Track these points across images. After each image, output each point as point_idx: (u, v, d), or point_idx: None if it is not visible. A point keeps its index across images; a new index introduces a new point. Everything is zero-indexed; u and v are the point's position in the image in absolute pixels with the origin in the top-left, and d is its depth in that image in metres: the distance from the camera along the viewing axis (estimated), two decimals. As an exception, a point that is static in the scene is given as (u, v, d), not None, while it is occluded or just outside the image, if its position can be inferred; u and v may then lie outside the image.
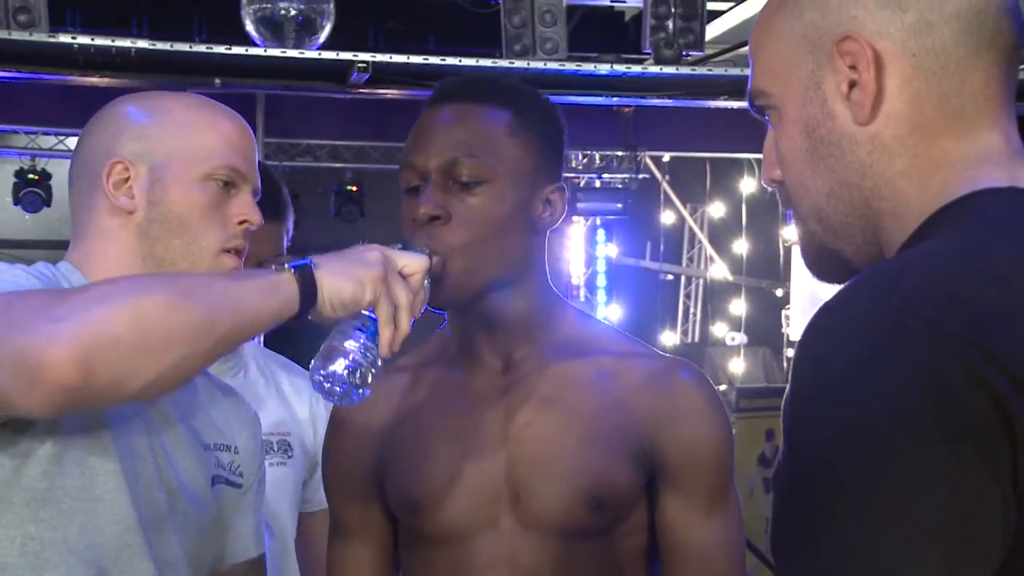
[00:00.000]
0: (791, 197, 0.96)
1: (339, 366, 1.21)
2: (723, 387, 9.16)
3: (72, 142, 7.59)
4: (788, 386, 0.79)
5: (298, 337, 2.09)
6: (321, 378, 1.21)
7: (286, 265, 1.18)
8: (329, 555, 1.52)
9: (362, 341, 1.21)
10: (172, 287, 1.13)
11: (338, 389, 1.22)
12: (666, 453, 1.37)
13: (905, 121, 0.88)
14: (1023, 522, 0.73)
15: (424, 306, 1.28)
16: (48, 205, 7.90)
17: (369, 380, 1.22)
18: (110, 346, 1.04)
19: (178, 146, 1.32)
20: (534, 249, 1.40)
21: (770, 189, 1.00)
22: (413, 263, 1.25)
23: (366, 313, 1.22)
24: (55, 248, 10.44)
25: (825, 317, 0.78)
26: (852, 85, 0.89)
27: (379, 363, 1.23)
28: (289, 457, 1.92)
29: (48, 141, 7.54)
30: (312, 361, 1.23)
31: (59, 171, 8.14)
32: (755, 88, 0.97)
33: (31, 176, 7.67)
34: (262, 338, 5.96)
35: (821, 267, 0.97)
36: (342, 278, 1.19)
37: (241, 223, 1.33)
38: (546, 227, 1.41)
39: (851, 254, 0.94)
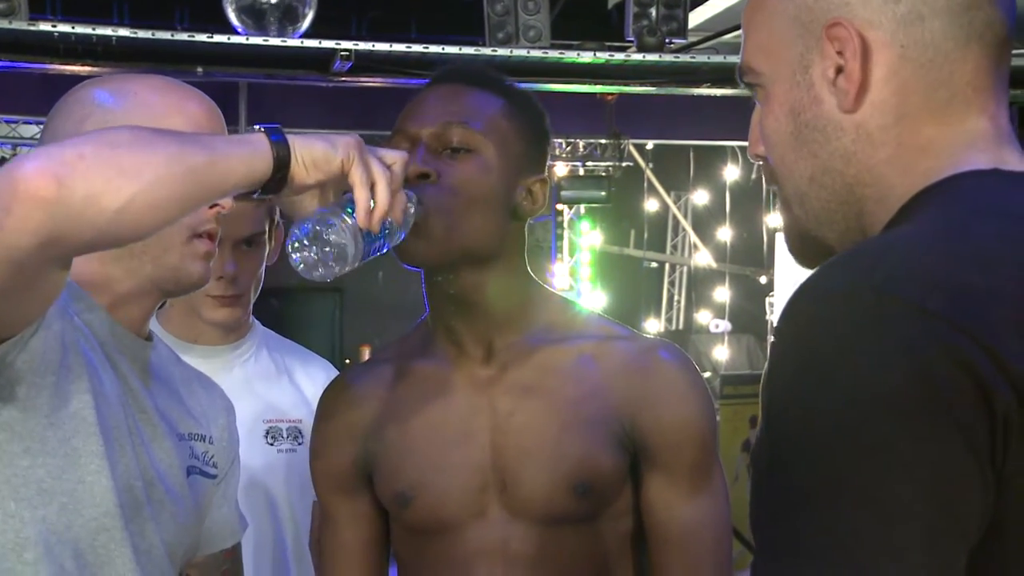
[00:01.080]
0: (775, 175, 0.96)
1: (309, 224, 1.17)
2: (707, 374, 9.18)
3: (53, 131, 7.52)
4: (767, 364, 0.79)
5: (281, 329, 2.09)
6: (296, 243, 1.18)
7: (256, 126, 1.16)
8: (320, 545, 1.53)
9: (339, 214, 1.17)
10: (139, 128, 1.10)
11: (311, 255, 1.18)
12: (647, 434, 1.37)
13: (891, 111, 0.88)
14: (1001, 502, 0.73)
15: (401, 234, 1.25)
16: (29, 195, 7.86)
17: (349, 256, 1.18)
18: (78, 159, 1.03)
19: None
20: (513, 234, 1.41)
21: (756, 163, 1.00)
22: (392, 153, 1.22)
23: (347, 198, 1.18)
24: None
25: (804, 296, 0.78)
26: (839, 71, 0.89)
27: (360, 242, 1.18)
28: (299, 444, 1.92)
29: (29, 130, 7.49)
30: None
31: (40, 161, 8.08)
32: (745, 65, 0.97)
33: (12, 166, 7.63)
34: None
35: (804, 253, 0.97)
36: (314, 140, 1.15)
37: (212, 207, 1.29)
38: (526, 215, 1.42)
39: (834, 240, 0.94)
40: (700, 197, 9.78)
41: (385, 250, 1.25)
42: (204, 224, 1.30)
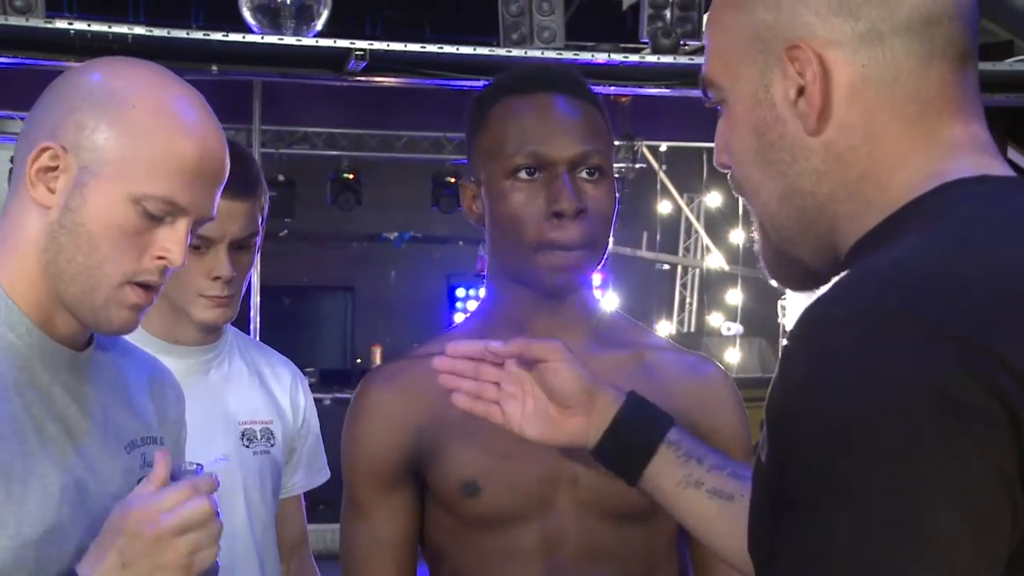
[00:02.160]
0: (742, 189, 0.94)
1: None
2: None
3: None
4: (775, 379, 0.76)
5: (292, 328, 2.10)
6: None
7: None
8: (348, 537, 1.50)
9: None
10: None
11: None
12: (703, 437, 1.38)
13: (858, 131, 0.86)
14: None
15: None
16: (44, 191, 7.89)
17: None
18: None
19: (118, 154, 1.15)
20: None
21: (721, 170, 0.97)
22: (198, 513, 1.14)
23: None
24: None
25: (814, 324, 0.76)
26: (800, 92, 0.86)
27: None
28: (272, 445, 1.92)
29: (44, 127, 7.51)
30: None
31: (55, 158, 8.11)
32: (707, 76, 0.94)
33: (27, 162, 7.65)
34: (258, 328, 5.90)
35: (779, 272, 0.95)
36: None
37: (159, 258, 1.18)
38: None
39: (807, 258, 0.91)
40: (713, 199, 9.77)
41: None
42: (143, 274, 1.18)
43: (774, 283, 0.97)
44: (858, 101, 0.86)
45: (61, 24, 4.27)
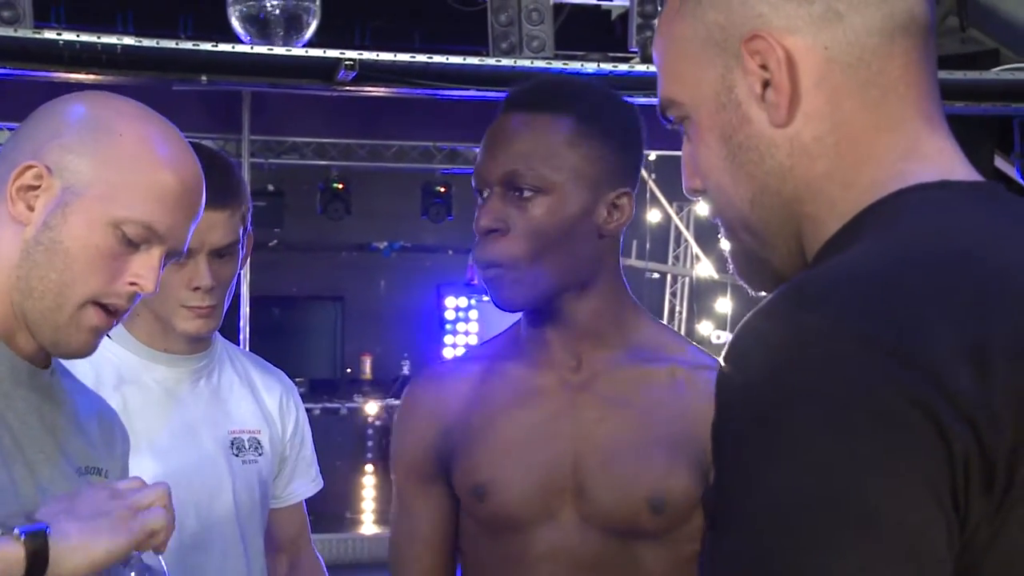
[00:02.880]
0: (716, 206, 0.91)
1: None
2: (708, 385, 9.18)
3: (57, 139, 7.53)
4: (715, 408, 0.74)
5: (282, 338, 2.09)
6: None
7: (15, 531, 1.06)
8: (392, 527, 1.56)
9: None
10: None
11: None
12: None
13: (825, 119, 0.83)
14: (965, 551, 0.68)
15: None
16: (32, 202, 7.87)
17: None
18: None
19: (103, 178, 1.19)
20: (601, 254, 1.41)
21: (692, 199, 0.97)
22: (149, 496, 1.15)
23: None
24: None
25: (748, 339, 0.74)
26: (766, 85, 0.84)
27: None
28: (260, 455, 1.92)
29: (32, 138, 7.50)
30: None
31: (43, 168, 8.09)
32: (665, 99, 0.92)
33: (15, 173, 7.63)
34: (247, 338, 5.90)
35: (753, 278, 0.93)
36: (87, 535, 1.08)
37: (131, 284, 1.21)
38: (613, 232, 1.42)
39: (778, 264, 0.89)
40: (702, 208, 9.78)
41: None
42: (109, 296, 1.21)
43: (746, 286, 0.95)
44: (824, 86, 0.83)
45: (50, 35, 4.25)
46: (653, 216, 9.85)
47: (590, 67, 4.97)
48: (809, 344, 0.69)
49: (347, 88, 4.76)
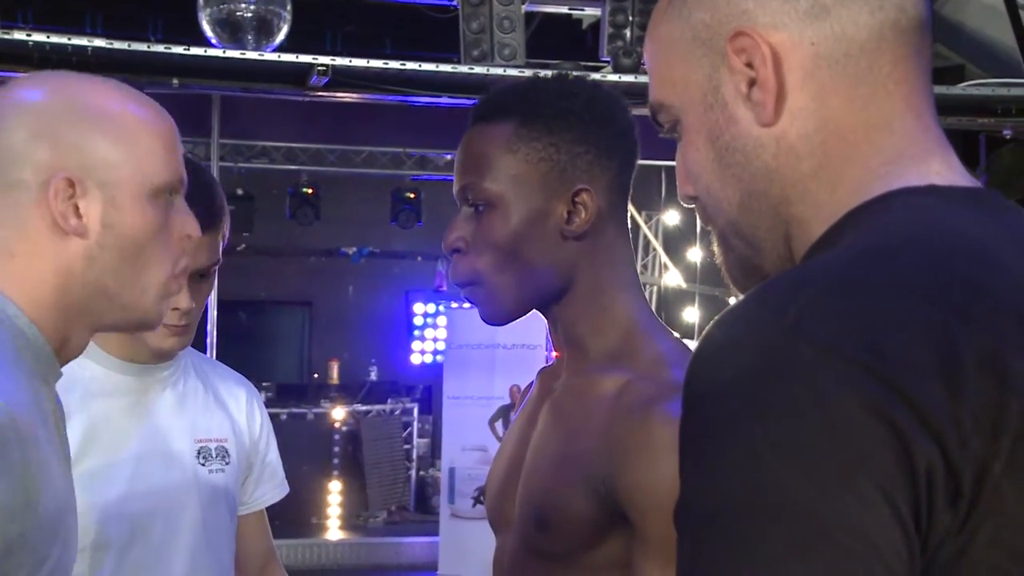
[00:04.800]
0: (707, 212, 0.89)
1: None
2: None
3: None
4: (684, 402, 0.72)
5: (250, 343, 2.09)
6: None
7: None
8: None
9: None
10: None
11: None
12: (619, 491, 1.23)
13: (811, 116, 0.81)
14: (929, 568, 0.66)
15: None
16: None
17: None
18: None
19: (125, 158, 1.17)
20: (572, 257, 1.34)
21: (687, 206, 0.93)
22: None
23: None
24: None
25: (711, 342, 0.71)
26: (752, 83, 0.82)
27: None
28: (227, 464, 1.92)
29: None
30: None
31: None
32: (654, 102, 0.90)
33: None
34: (215, 343, 5.83)
35: (748, 285, 0.89)
36: None
37: (185, 238, 1.23)
38: (578, 232, 1.33)
39: (771, 270, 0.86)
40: (671, 217, 9.83)
41: None
42: (179, 262, 1.23)
43: (742, 296, 0.93)
44: (811, 83, 0.81)
45: (19, 35, 4.23)
46: (622, 225, 9.88)
47: (561, 76, 4.99)
48: (767, 349, 0.67)
49: (319, 93, 4.76)
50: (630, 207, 1.49)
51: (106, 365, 1.81)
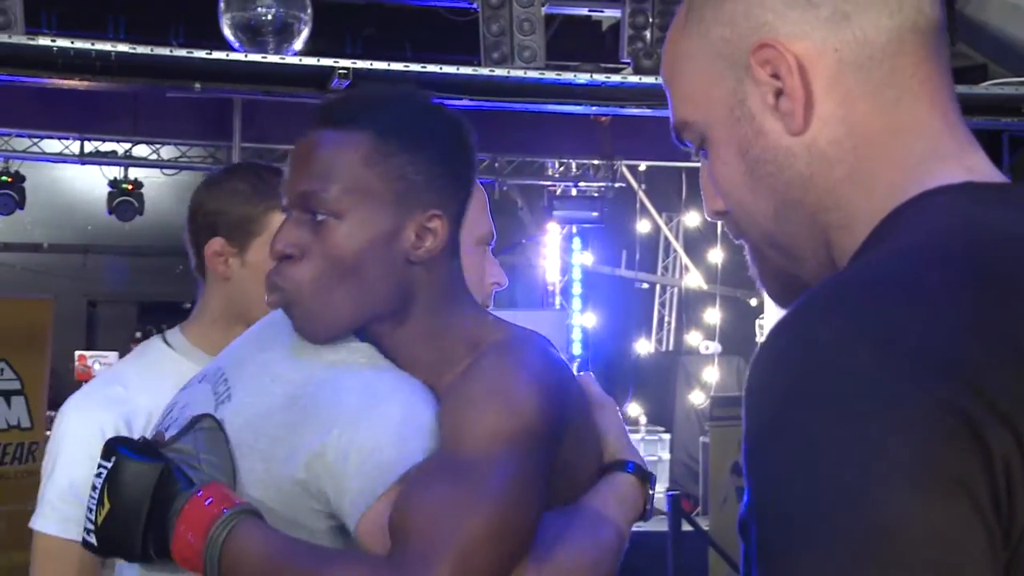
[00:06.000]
0: (739, 225, 0.89)
1: None
2: (698, 395, 9.19)
3: (46, 144, 7.54)
4: (743, 419, 0.71)
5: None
6: None
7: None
8: None
9: None
10: None
11: None
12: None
13: (840, 123, 0.82)
14: (1014, 558, 0.65)
15: None
16: (21, 208, 7.83)
17: None
18: None
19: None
20: (412, 281, 1.28)
21: (715, 221, 0.92)
22: None
23: None
24: (27, 251, 10.36)
25: (767, 348, 0.71)
26: (779, 94, 0.82)
27: None
28: None
29: (22, 143, 7.48)
30: None
31: (33, 173, 8.07)
32: (678, 122, 0.90)
33: (4, 178, 7.62)
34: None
35: (786, 297, 0.90)
36: None
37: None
38: (425, 257, 1.27)
39: (809, 278, 0.86)
40: (692, 219, 9.81)
41: None
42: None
43: (779, 306, 0.91)
44: (837, 89, 0.82)
45: (44, 41, 4.26)
46: (643, 227, 9.87)
47: (582, 77, 4.99)
48: (824, 353, 0.68)
49: (339, 97, 4.78)
50: (651, 208, 1.47)
51: (198, 363, 1.85)
